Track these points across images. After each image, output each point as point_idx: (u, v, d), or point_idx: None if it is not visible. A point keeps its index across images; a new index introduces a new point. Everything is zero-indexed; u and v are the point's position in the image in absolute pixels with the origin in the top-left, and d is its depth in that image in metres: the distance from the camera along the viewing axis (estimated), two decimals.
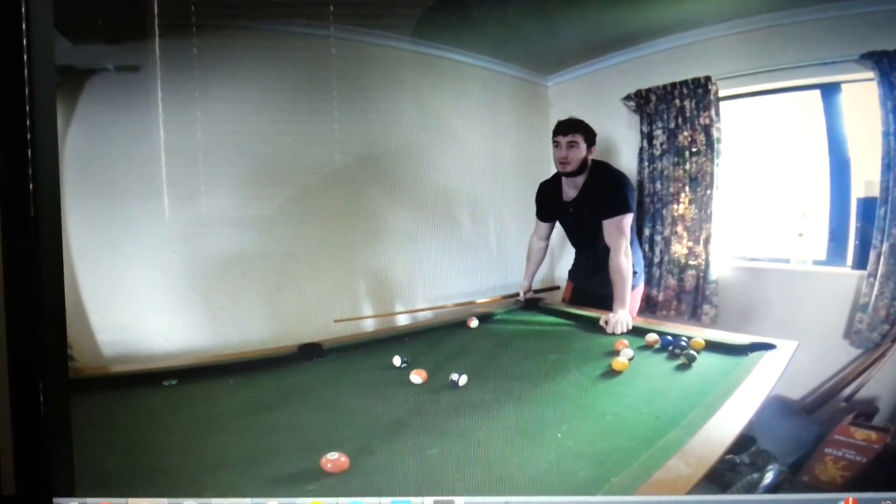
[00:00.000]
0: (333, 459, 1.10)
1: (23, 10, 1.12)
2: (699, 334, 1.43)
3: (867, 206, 1.30)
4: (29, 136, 1.15)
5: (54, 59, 1.16)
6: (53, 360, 1.20)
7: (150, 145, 1.27)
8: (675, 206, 1.46)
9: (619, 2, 1.29)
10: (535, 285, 1.59)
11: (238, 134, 1.31)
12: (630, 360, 1.36)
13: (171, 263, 1.33)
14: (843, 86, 1.31)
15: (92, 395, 1.26)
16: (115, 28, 1.23)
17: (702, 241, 1.45)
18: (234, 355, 1.39)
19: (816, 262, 1.37)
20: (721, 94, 1.39)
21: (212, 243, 1.34)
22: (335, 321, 1.41)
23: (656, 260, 1.52)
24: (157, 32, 1.23)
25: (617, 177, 1.49)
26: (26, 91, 1.14)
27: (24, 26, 1.13)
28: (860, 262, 1.32)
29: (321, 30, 1.26)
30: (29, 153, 1.16)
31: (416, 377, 1.35)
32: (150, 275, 1.34)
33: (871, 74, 1.26)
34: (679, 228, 1.46)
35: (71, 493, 1.20)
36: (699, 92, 1.40)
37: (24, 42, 1.13)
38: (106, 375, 1.32)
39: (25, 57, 1.14)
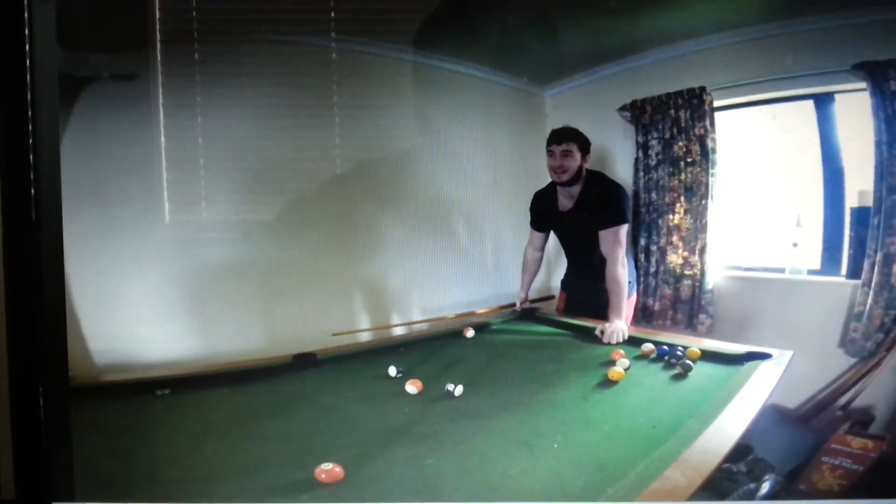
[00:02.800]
0: (328, 470, 1.09)
1: (25, 14, 1.13)
2: (695, 344, 1.43)
3: (861, 215, 1.31)
4: (31, 141, 1.16)
5: (57, 68, 1.18)
6: (54, 365, 1.20)
7: (151, 152, 1.28)
8: (671, 216, 1.47)
9: (615, 13, 1.31)
10: (531, 295, 1.59)
11: (238, 141, 1.32)
12: (626, 369, 1.36)
13: (169, 271, 1.33)
14: (836, 96, 1.33)
15: (89, 402, 1.26)
16: (117, 37, 1.24)
17: (697, 251, 1.45)
18: (228, 364, 1.39)
19: (811, 272, 1.37)
20: (716, 104, 1.41)
21: (210, 251, 1.34)
22: (333, 334, 1.40)
23: (652, 270, 1.52)
24: (158, 40, 1.24)
25: (613, 187, 1.49)
26: (29, 97, 1.15)
27: (27, 32, 1.14)
28: (854, 272, 1.32)
29: (322, 39, 1.28)
30: (31, 158, 1.16)
31: (412, 387, 1.34)
32: (147, 283, 1.34)
33: (863, 85, 1.28)
34: (675, 238, 1.47)
35: (70, 498, 1.19)
36: (694, 102, 1.42)
37: (27, 48, 1.14)
38: (100, 385, 1.31)
39: (28, 64, 1.15)
